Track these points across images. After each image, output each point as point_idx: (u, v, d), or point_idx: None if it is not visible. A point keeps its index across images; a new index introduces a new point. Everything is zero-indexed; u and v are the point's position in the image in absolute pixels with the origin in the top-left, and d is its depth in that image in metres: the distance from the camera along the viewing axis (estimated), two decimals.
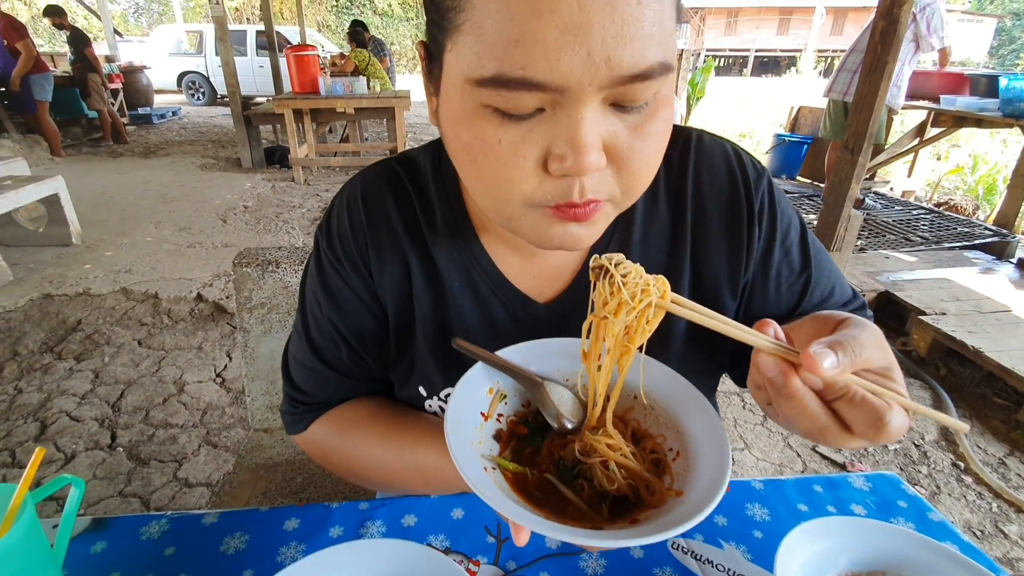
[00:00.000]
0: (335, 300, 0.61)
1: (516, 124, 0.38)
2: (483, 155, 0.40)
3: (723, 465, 0.41)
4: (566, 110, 0.37)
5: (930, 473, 1.91)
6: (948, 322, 2.53)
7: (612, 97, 0.37)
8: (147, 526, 0.59)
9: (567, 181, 0.39)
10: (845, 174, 2.35)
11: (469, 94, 0.38)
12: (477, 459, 0.43)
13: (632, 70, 0.35)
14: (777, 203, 0.60)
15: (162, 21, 21.41)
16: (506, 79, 0.35)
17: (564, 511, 0.44)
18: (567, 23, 0.33)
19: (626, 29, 0.34)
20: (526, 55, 0.34)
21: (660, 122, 0.40)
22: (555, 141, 0.38)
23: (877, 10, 2.11)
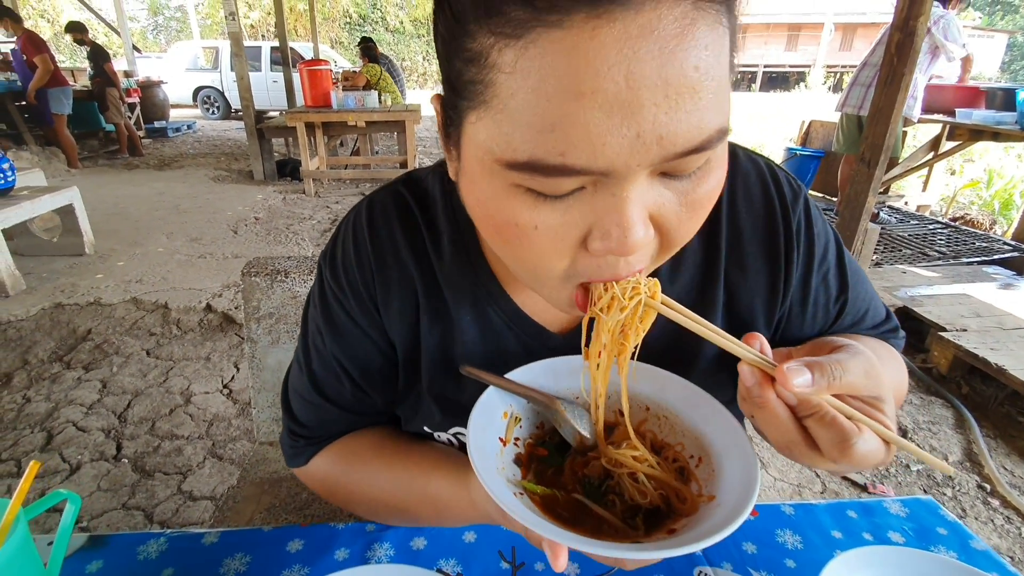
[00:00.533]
0: (338, 333, 0.58)
1: (552, 204, 0.34)
2: (517, 240, 0.36)
3: (750, 463, 0.41)
4: (610, 188, 0.33)
5: (955, 496, 1.84)
6: (969, 338, 2.47)
7: (661, 169, 0.33)
8: (145, 545, 0.57)
9: (609, 259, 0.36)
10: (861, 187, 2.31)
11: (498, 173, 0.34)
12: (506, 485, 0.42)
13: (687, 146, 0.31)
14: (814, 223, 0.56)
15: (180, 38, 21.93)
16: (542, 165, 0.31)
17: (599, 529, 0.43)
18: (613, 103, 0.29)
19: (681, 102, 0.30)
20: (565, 140, 0.30)
21: (712, 185, 0.36)
22: (597, 221, 0.34)
23: (892, 23, 2.09)
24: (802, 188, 0.58)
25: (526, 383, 0.50)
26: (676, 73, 0.29)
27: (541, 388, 0.50)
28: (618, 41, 0.28)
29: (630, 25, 0.28)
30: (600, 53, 0.28)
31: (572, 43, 0.28)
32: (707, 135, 0.32)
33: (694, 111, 0.30)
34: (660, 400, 0.51)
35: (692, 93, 0.30)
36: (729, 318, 0.57)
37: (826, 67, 23.30)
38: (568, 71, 0.29)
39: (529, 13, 0.28)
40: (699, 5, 0.29)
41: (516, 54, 0.30)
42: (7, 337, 2.60)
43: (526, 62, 0.29)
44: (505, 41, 0.30)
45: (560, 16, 0.28)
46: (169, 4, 25.52)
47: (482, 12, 0.30)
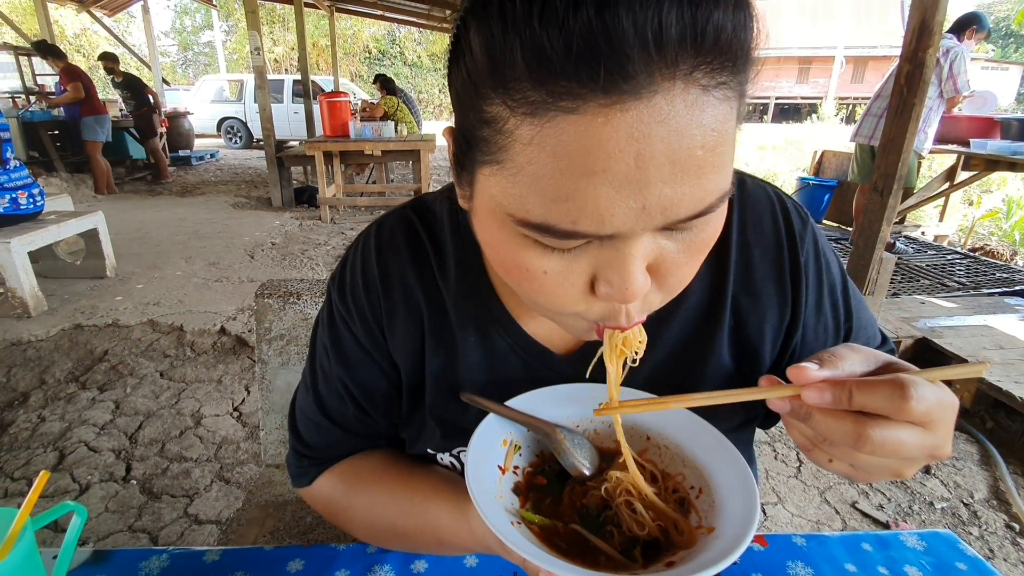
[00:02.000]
0: (344, 356, 0.59)
1: (560, 254, 0.36)
2: (527, 282, 0.38)
3: (750, 495, 0.40)
4: (615, 245, 0.34)
5: (982, 535, 1.76)
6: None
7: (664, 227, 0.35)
8: (147, 561, 0.57)
9: (614, 305, 0.38)
10: (875, 216, 2.30)
11: (509, 225, 0.35)
12: (504, 515, 0.41)
13: (689, 214, 0.33)
14: (822, 254, 0.57)
15: (208, 72, 22.86)
16: (554, 230, 0.33)
17: (596, 561, 0.42)
18: (622, 181, 0.30)
19: (687, 179, 0.31)
20: (577, 211, 0.31)
21: (710, 232, 0.38)
22: (601, 270, 0.36)
23: (902, 54, 2.11)
24: (809, 217, 0.58)
25: (527, 411, 0.50)
26: (683, 155, 0.31)
27: (542, 416, 0.50)
28: (630, 126, 0.29)
29: (642, 112, 0.29)
30: (613, 137, 0.29)
31: (586, 127, 0.29)
32: (709, 203, 0.33)
33: (698, 185, 0.32)
34: (661, 430, 0.50)
35: (697, 171, 0.31)
36: (737, 343, 0.57)
37: (838, 99, 23.46)
38: (581, 152, 0.30)
39: (545, 97, 0.29)
40: (710, 91, 0.30)
41: (532, 130, 0.31)
42: (27, 357, 2.66)
43: (541, 139, 0.31)
44: (521, 117, 0.31)
45: (576, 103, 0.29)
46: (199, 40, 26.73)
47: (501, 81, 0.31)
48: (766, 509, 1.88)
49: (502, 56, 0.30)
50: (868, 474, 0.36)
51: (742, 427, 0.60)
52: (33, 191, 3.15)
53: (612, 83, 0.28)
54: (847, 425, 0.33)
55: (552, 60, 0.28)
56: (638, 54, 0.28)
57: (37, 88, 8.00)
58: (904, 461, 0.35)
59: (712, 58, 0.30)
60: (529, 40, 0.29)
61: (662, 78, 0.29)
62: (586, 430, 0.53)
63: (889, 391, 0.33)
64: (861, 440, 0.33)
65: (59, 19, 15.52)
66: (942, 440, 0.34)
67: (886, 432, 0.33)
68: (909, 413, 0.32)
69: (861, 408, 0.33)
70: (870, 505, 1.90)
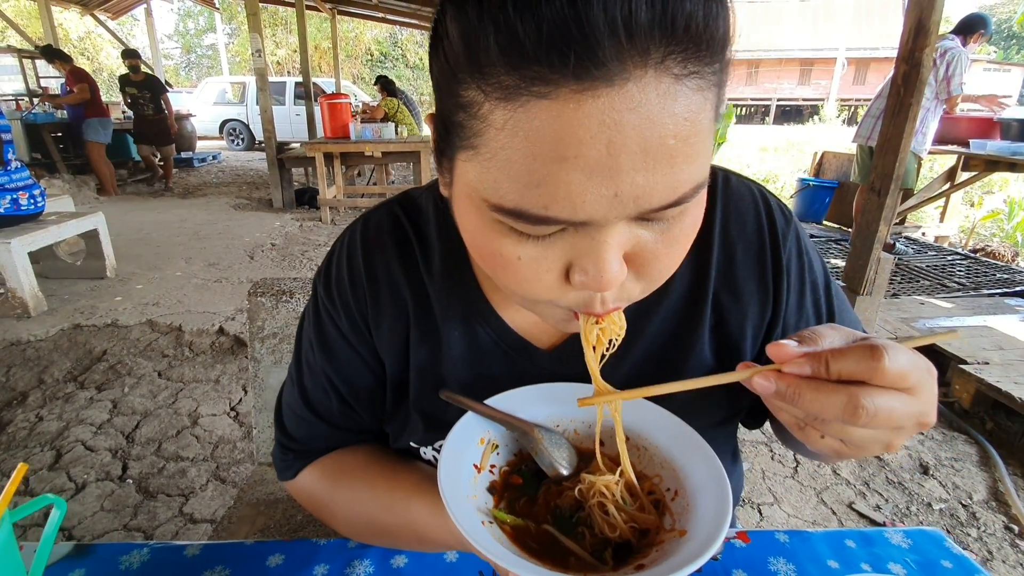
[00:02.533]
0: (329, 350, 0.59)
1: (535, 241, 0.36)
2: (503, 268, 0.38)
3: (724, 499, 0.40)
4: (589, 232, 0.34)
5: (980, 536, 1.75)
6: (992, 372, 2.39)
7: (639, 217, 0.35)
8: (128, 555, 0.57)
9: (589, 293, 0.38)
10: (872, 216, 2.29)
11: (485, 210, 0.36)
12: (475, 514, 0.42)
13: (662, 203, 0.33)
14: (805, 253, 0.57)
15: (211, 74, 22.96)
16: (527, 215, 0.33)
17: (566, 562, 0.42)
18: (594, 167, 0.30)
19: (659, 167, 0.31)
20: (549, 196, 0.32)
21: (687, 224, 0.38)
22: (576, 258, 0.36)
23: (899, 54, 2.11)
24: (792, 216, 0.58)
25: (507, 410, 0.50)
26: (655, 143, 0.31)
27: (522, 415, 0.50)
28: (601, 113, 0.29)
29: (614, 99, 0.29)
30: (584, 123, 0.29)
31: (558, 112, 0.30)
32: (682, 193, 0.33)
33: (670, 174, 0.32)
34: (641, 430, 0.50)
35: (669, 159, 0.31)
36: (718, 339, 0.57)
37: (840, 100, 23.44)
38: (554, 137, 0.30)
39: (518, 81, 0.30)
40: (682, 80, 0.31)
41: (505, 115, 0.31)
42: (26, 357, 2.66)
43: (515, 124, 0.31)
44: (496, 102, 0.31)
45: (548, 88, 0.29)
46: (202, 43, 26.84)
47: (476, 67, 0.31)
48: (762, 509, 1.87)
49: (477, 41, 0.31)
50: (859, 448, 0.35)
51: (724, 423, 0.60)
52: (34, 192, 3.16)
53: (583, 69, 0.29)
54: (840, 398, 0.33)
55: (524, 45, 0.29)
56: (608, 40, 0.28)
57: (40, 90, 8.05)
58: (895, 431, 0.34)
59: (684, 47, 0.30)
60: (503, 25, 0.29)
61: (634, 65, 0.29)
62: (566, 430, 0.52)
63: (862, 353, 0.32)
64: (856, 412, 0.32)
65: (64, 22, 15.62)
66: (927, 406, 0.34)
67: (878, 400, 0.32)
68: (884, 373, 0.32)
69: (839, 375, 0.33)
70: (867, 506, 1.89)
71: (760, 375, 0.35)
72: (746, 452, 2.15)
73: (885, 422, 0.33)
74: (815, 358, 0.34)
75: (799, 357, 0.34)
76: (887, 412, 0.33)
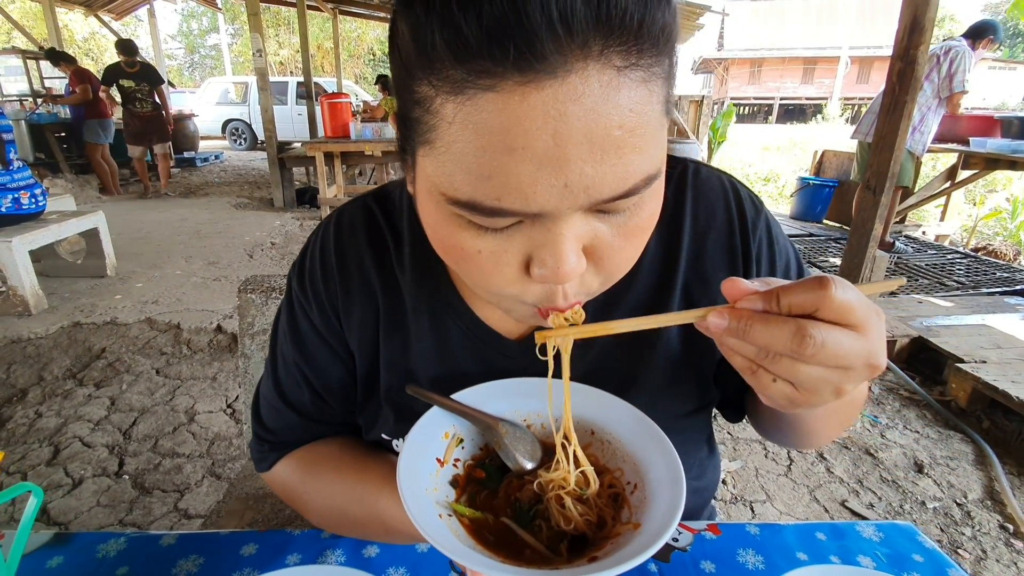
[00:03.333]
0: (302, 343, 0.60)
1: (494, 234, 0.37)
2: (464, 262, 0.39)
3: (678, 493, 0.40)
4: (545, 224, 0.35)
5: (975, 536, 1.75)
6: (989, 371, 2.38)
7: (593, 208, 0.35)
8: (105, 544, 0.57)
9: (550, 287, 0.39)
10: (868, 214, 2.29)
11: (443, 204, 0.36)
12: (432, 506, 0.42)
13: (613, 194, 0.34)
14: (775, 242, 0.57)
15: (214, 74, 23.04)
16: (481, 207, 0.34)
17: (522, 554, 0.42)
18: (542, 158, 0.31)
19: (606, 157, 0.32)
20: (501, 187, 0.32)
21: (644, 217, 0.39)
22: (535, 250, 0.36)
23: (894, 52, 2.10)
24: (763, 206, 0.58)
25: (474, 404, 0.50)
26: (600, 133, 0.31)
27: (489, 409, 0.51)
28: (546, 104, 0.30)
29: (557, 90, 0.30)
30: (529, 114, 0.30)
31: (504, 104, 0.30)
32: (632, 184, 0.34)
33: (618, 164, 0.33)
34: (606, 425, 0.51)
35: (616, 149, 0.32)
36: (688, 328, 0.57)
37: (843, 99, 23.34)
38: (501, 129, 0.31)
39: (465, 75, 0.31)
40: (624, 72, 0.31)
41: (455, 109, 0.32)
42: (26, 354, 2.69)
43: (464, 117, 0.32)
44: (445, 96, 0.32)
45: (493, 80, 0.30)
46: (205, 43, 26.94)
47: (426, 63, 0.32)
48: (755, 507, 1.87)
49: (425, 38, 0.32)
50: (810, 392, 0.35)
51: (695, 413, 0.60)
52: (35, 191, 3.18)
53: (525, 62, 0.29)
54: (789, 327, 0.33)
55: (468, 40, 0.30)
56: (547, 34, 0.29)
57: (44, 91, 8.09)
58: (844, 372, 0.34)
59: (623, 40, 0.31)
60: (448, 21, 0.30)
61: (575, 58, 0.30)
62: (533, 424, 0.53)
63: (810, 284, 0.33)
64: (803, 340, 0.32)
65: (68, 23, 15.69)
66: (875, 346, 0.34)
67: (825, 331, 0.32)
68: (831, 301, 0.32)
69: (788, 308, 0.33)
70: (860, 504, 1.89)
71: (714, 312, 0.35)
72: (740, 450, 2.15)
73: (833, 357, 0.33)
74: (766, 293, 0.34)
75: (751, 294, 0.34)
76: (834, 345, 0.32)
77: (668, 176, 0.57)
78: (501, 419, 0.50)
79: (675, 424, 0.58)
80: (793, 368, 0.34)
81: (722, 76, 28.30)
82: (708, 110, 8.50)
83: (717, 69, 28.37)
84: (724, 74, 28.29)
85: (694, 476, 0.68)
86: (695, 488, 0.69)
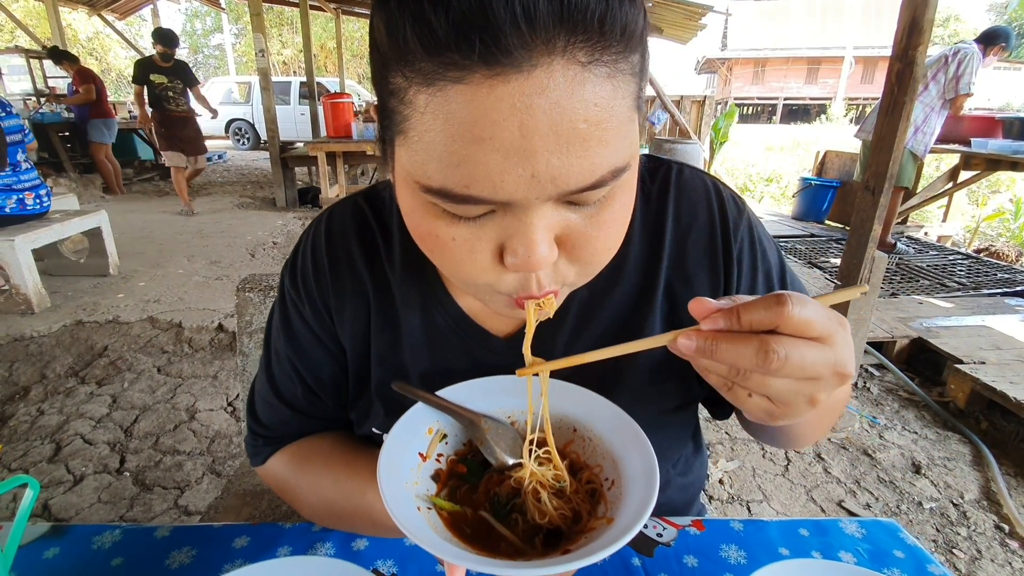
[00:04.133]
0: (294, 338, 0.61)
1: (467, 222, 0.38)
2: (439, 250, 0.40)
3: (651, 489, 0.41)
4: (516, 213, 0.36)
5: (970, 536, 1.75)
6: (988, 372, 2.38)
7: (563, 199, 0.36)
8: (101, 535, 0.59)
9: (524, 275, 0.40)
10: (866, 214, 2.29)
11: (418, 192, 0.38)
12: (411, 499, 0.43)
13: (579, 185, 0.35)
14: (757, 243, 0.58)
15: (218, 74, 23.11)
16: (451, 194, 0.35)
17: (497, 547, 0.43)
18: (509, 148, 0.32)
19: (572, 149, 0.33)
20: (469, 176, 0.34)
21: (616, 209, 0.40)
22: (507, 239, 0.38)
23: (892, 52, 2.10)
24: (746, 207, 0.59)
25: (458, 401, 0.51)
26: (566, 126, 0.32)
27: (473, 406, 0.52)
28: (512, 96, 0.31)
29: (523, 83, 0.31)
30: (496, 106, 0.31)
31: (472, 95, 0.32)
32: (599, 176, 0.35)
33: (584, 157, 0.34)
34: (587, 422, 0.52)
35: (581, 142, 0.33)
36: (671, 327, 0.58)
37: (847, 99, 23.26)
38: (469, 119, 0.32)
39: (435, 67, 0.32)
40: (589, 67, 0.32)
41: (427, 99, 0.33)
42: (29, 352, 2.71)
43: (435, 107, 0.33)
44: (418, 87, 0.33)
45: (462, 73, 0.31)
46: (209, 43, 27.02)
47: (400, 56, 0.34)
48: (751, 507, 1.88)
49: (398, 32, 0.33)
50: (785, 405, 0.36)
51: (678, 411, 0.61)
52: (40, 192, 3.21)
53: (491, 56, 0.31)
54: (752, 344, 0.33)
55: (438, 33, 0.31)
56: (511, 29, 0.30)
57: (48, 90, 8.14)
58: (814, 383, 0.35)
59: (587, 37, 0.32)
60: (419, 16, 0.31)
61: (540, 53, 0.31)
62: (517, 421, 0.54)
63: (768, 302, 0.33)
64: (767, 356, 0.33)
65: (72, 23, 15.77)
66: (842, 355, 0.34)
67: (788, 345, 0.33)
68: (788, 317, 0.32)
69: (750, 325, 0.34)
70: (857, 504, 1.89)
71: (683, 335, 0.36)
72: (737, 450, 2.15)
73: (799, 370, 0.33)
74: (728, 312, 0.35)
75: (714, 312, 0.35)
76: (799, 358, 0.33)
77: (652, 176, 0.58)
78: (484, 415, 0.51)
79: (659, 421, 0.58)
80: (764, 383, 0.35)
81: (725, 76, 28.24)
82: (711, 110, 8.49)
83: (720, 69, 28.31)
84: (728, 74, 28.23)
85: (680, 472, 0.69)
86: (681, 484, 0.70)
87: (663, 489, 0.66)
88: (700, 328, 0.36)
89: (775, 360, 0.33)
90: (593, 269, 0.43)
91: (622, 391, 0.55)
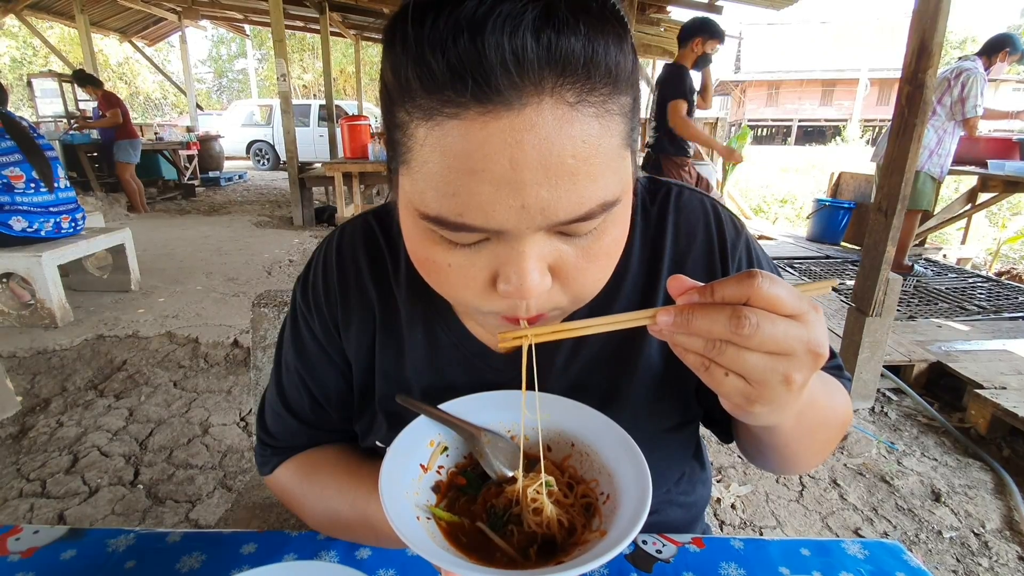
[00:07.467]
0: (303, 352, 0.64)
1: (463, 249, 0.40)
2: (436, 274, 0.43)
3: (643, 504, 0.42)
4: (509, 242, 0.38)
5: (991, 567, 1.69)
6: (1010, 397, 2.32)
7: (554, 230, 0.38)
8: (115, 539, 0.61)
9: (515, 301, 0.41)
10: (879, 236, 2.28)
11: (417, 219, 0.40)
12: (411, 509, 0.45)
13: (568, 217, 0.37)
14: (756, 263, 0.60)
15: (241, 97, 23.84)
16: (446, 222, 0.37)
17: (493, 557, 0.45)
18: (500, 180, 0.35)
19: (560, 183, 0.35)
20: (463, 205, 0.36)
21: (607, 242, 0.41)
22: (500, 266, 0.40)
23: (902, 75, 2.12)
24: (744, 228, 0.61)
25: (460, 414, 0.53)
26: (555, 161, 0.35)
27: (475, 420, 0.53)
28: (503, 132, 0.34)
29: (514, 120, 0.34)
30: (489, 141, 0.34)
31: (466, 130, 0.34)
32: (587, 209, 0.37)
33: (572, 191, 0.36)
34: (585, 438, 0.53)
35: (570, 177, 0.35)
36: (667, 344, 0.59)
37: (863, 121, 23.18)
38: (463, 152, 0.35)
39: (434, 103, 0.35)
40: (576, 107, 0.35)
41: (426, 132, 0.36)
42: (51, 365, 2.78)
43: (433, 140, 0.36)
44: (418, 122, 0.36)
45: (457, 109, 0.34)
46: (233, 68, 27.96)
47: (403, 93, 0.37)
48: (764, 532, 1.84)
49: (402, 71, 0.36)
50: (761, 384, 0.36)
51: (679, 428, 0.62)
52: (76, 216, 3.29)
53: (484, 95, 0.33)
54: (724, 312, 0.34)
55: (436, 74, 0.34)
56: (500, 70, 0.33)
57: (78, 112, 8.48)
58: (788, 359, 0.35)
59: (574, 79, 0.35)
60: (420, 58, 0.35)
61: (529, 93, 0.34)
62: (516, 435, 0.55)
63: (740, 277, 0.35)
64: (740, 321, 0.34)
65: (103, 48, 16.45)
66: (815, 334, 0.35)
67: (759, 315, 0.34)
68: (758, 291, 0.34)
69: (722, 298, 0.35)
70: (874, 532, 1.84)
71: (662, 311, 0.37)
72: (750, 474, 2.12)
73: (771, 341, 0.34)
74: (702, 288, 0.36)
75: (689, 289, 0.37)
76: (770, 327, 0.34)
77: (651, 198, 0.60)
78: (484, 429, 0.52)
79: (658, 439, 0.59)
80: (739, 357, 0.35)
81: (739, 98, 28.37)
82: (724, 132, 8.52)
83: (734, 91, 28.46)
84: (741, 96, 28.36)
85: (682, 491, 0.69)
86: (683, 504, 0.70)
87: (664, 508, 0.67)
88: (676, 303, 0.37)
89: (747, 325, 0.34)
90: (584, 298, 0.45)
91: (621, 409, 0.56)
